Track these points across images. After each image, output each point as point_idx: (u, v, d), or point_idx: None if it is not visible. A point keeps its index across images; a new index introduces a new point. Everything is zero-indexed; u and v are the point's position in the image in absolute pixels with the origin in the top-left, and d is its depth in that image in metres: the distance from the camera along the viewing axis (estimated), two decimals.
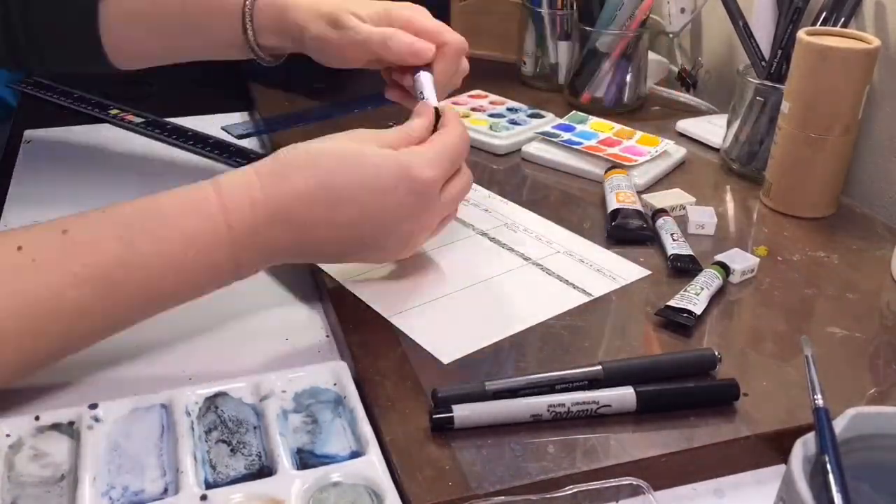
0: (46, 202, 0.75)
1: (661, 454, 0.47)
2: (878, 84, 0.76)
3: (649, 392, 0.50)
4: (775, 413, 0.50)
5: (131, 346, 0.57)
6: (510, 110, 0.91)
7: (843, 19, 0.74)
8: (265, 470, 0.46)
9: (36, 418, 0.47)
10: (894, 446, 0.40)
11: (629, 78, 0.94)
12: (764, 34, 0.79)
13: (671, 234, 0.67)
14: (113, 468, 0.45)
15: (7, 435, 0.46)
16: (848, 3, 0.74)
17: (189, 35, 0.73)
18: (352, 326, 0.56)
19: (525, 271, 0.63)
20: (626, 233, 0.68)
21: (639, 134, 0.84)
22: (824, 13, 0.75)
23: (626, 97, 0.95)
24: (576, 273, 0.63)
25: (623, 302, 0.61)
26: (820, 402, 0.40)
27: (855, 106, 0.69)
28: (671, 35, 1.02)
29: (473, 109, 0.91)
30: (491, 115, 0.89)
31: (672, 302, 0.59)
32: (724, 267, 0.63)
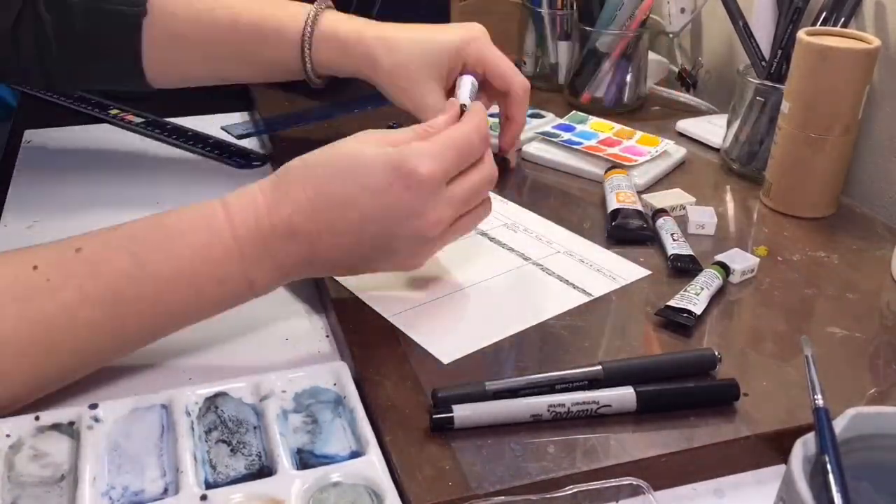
0: (46, 202, 0.75)
1: (661, 454, 0.47)
2: (878, 84, 0.76)
3: (649, 392, 0.50)
4: (775, 413, 0.50)
5: None
6: None
7: (843, 19, 0.74)
8: (265, 470, 0.46)
9: (36, 418, 0.47)
10: (894, 446, 0.40)
11: (629, 78, 0.94)
12: (764, 34, 0.79)
13: (671, 234, 0.67)
14: (113, 468, 0.45)
15: (7, 435, 0.46)
16: (848, 3, 0.74)
17: (238, 62, 0.72)
18: (352, 326, 0.57)
19: (525, 271, 0.63)
20: (626, 233, 0.68)
21: (639, 134, 0.84)
22: (824, 13, 0.75)
23: (626, 97, 0.95)
24: (576, 273, 0.63)
25: (623, 302, 0.61)
26: (820, 402, 0.40)
27: (855, 106, 0.69)
28: (671, 35, 1.02)
29: None
30: (491, 115, 0.89)
31: (672, 302, 0.59)
32: (724, 267, 0.63)
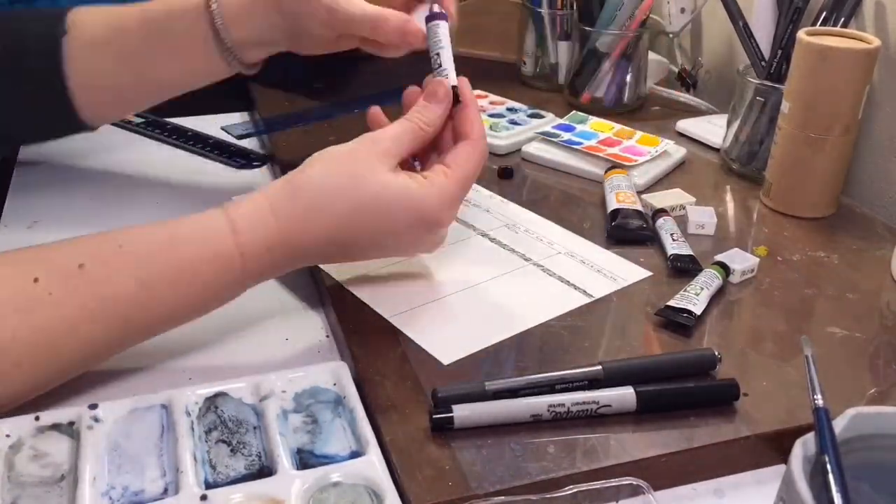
0: (46, 202, 0.75)
1: (661, 454, 0.47)
2: (878, 84, 0.76)
3: (649, 392, 0.50)
4: (775, 413, 0.50)
5: (131, 346, 0.57)
6: (510, 110, 0.91)
7: (843, 19, 0.74)
8: (265, 470, 0.46)
9: (36, 418, 0.47)
10: (894, 446, 0.40)
11: (629, 78, 0.94)
12: (764, 34, 0.79)
13: (671, 234, 0.67)
14: (113, 468, 0.45)
15: (7, 435, 0.46)
16: (848, 3, 0.74)
17: (156, 52, 0.66)
18: (352, 327, 0.57)
19: (525, 272, 0.63)
20: (626, 233, 0.68)
21: (639, 134, 0.84)
22: (824, 13, 0.75)
23: (626, 97, 0.95)
24: (576, 274, 0.63)
25: (623, 302, 0.60)
26: (820, 402, 0.40)
27: (855, 106, 0.69)
28: (671, 35, 1.02)
29: None
30: (491, 115, 0.89)
31: (672, 302, 0.59)
32: (724, 267, 0.63)
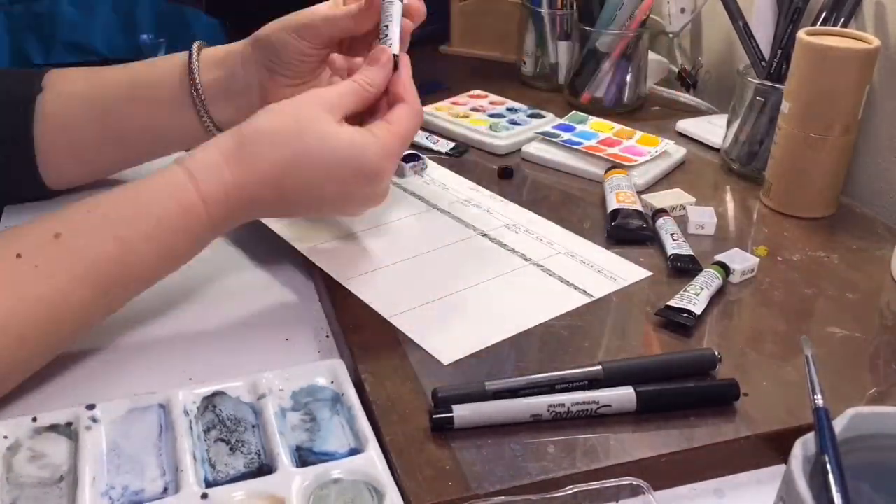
0: (46, 202, 0.74)
1: (661, 454, 0.47)
2: (878, 84, 0.76)
3: (649, 392, 0.50)
4: (775, 413, 0.50)
5: (130, 347, 0.57)
6: (510, 110, 0.91)
7: (843, 19, 0.74)
8: (264, 468, 0.46)
9: (33, 420, 0.47)
10: (894, 446, 0.40)
11: (629, 78, 0.94)
12: (764, 34, 0.79)
13: (671, 234, 0.67)
14: (112, 468, 0.45)
15: (4, 437, 0.46)
16: (848, 3, 0.74)
17: (133, 105, 0.67)
18: (352, 326, 0.56)
19: (526, 272, 0.63)
20: (626, 233, 0.68)
21: (639, 134, 0.84)
22: (824, 13, 0.74)
23: (626, 97, 0.95)
24: (576, 274, 0.63)
25: (623, 302, 0.60)
26: (820, 402, 0.40)
27: (855, 106, 0.69)
28: (671, 35, 1.02)
29: (473, 109, 0.91)
30: (491, 115, 0.89)
31: (672, 302, 0.59)
32: (724, 267, 0.62)
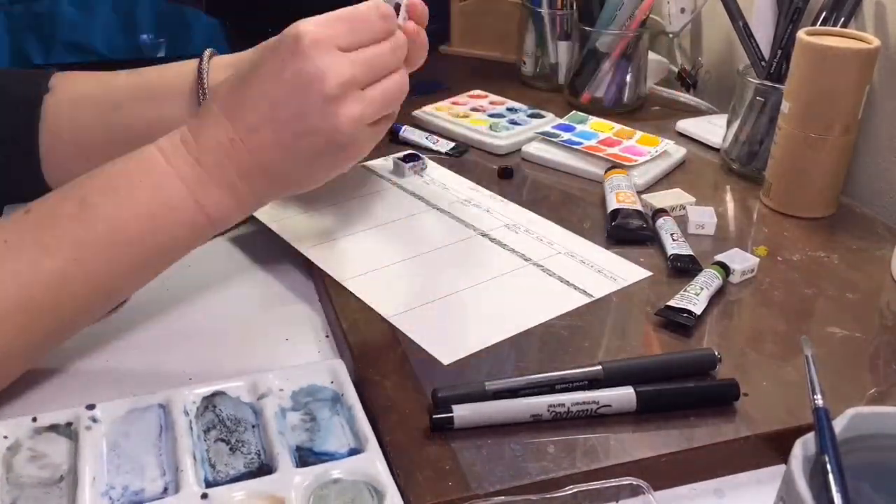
0: None
1: (661, 454, 0.47)
2: (878, 84, 0.76)
3: (649, 392, 0.50)
4: (775, 413, 0.50)
5: (130, 346, 0.57)
6: (510, 110, 0.91)
7: (843, 19, 0.74)
8: (265, 468, 0.46)
9: (33, 420, 0.47)
10: (894, 446, 0.40)
11: (629, 78, 0.94)
12: (764, 34, 0.79)
13: (671, 234, 0.67)
14: (112, 468, 0.45)
15: (4, 437, 0.46)
16: (848, 3, 0.74)
17: (140, 105, 0.63)
18: (352, 326, 0.56)
19: (526, 272, 0.63)
20: (626, 233, 0.68)
21: (639, 134, 0.84)
22: (824, 13, 0.74)
23: (626, 97, 0.95)
24: (576, 274, 0.63)
25: (623, 302, 0.60)
26: (820, 402, 0.40)
27: (855, 106, 0.69)
28: (671, 35, 1.02)
29: (473, 109, 0.91)
30: (491, 115, 0.89)
31: (672, 302, 0.59)
32: (724, 267, 0.62)
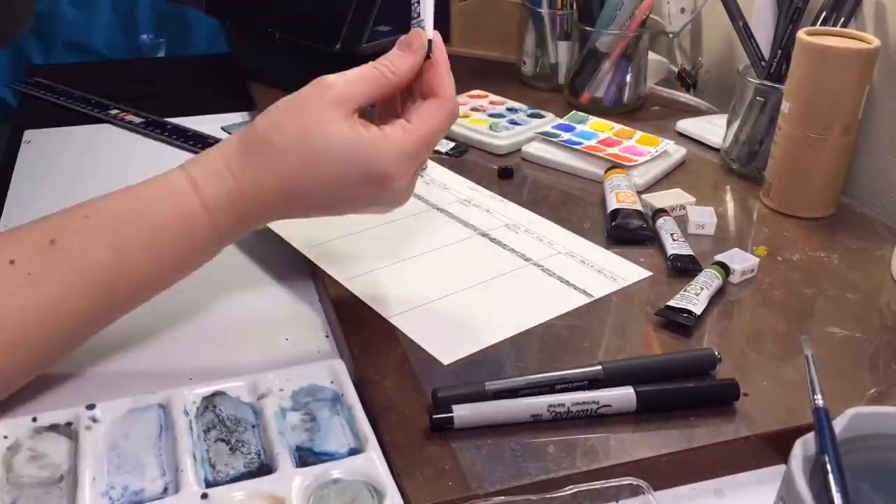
0: (46, 202, 0.74)
1: (661, 454, 0.47)
2: (878, 84, 0.76)
3: (649, 392, 0.49)
4: (775, 413, 0.50)
5: (130, 346, 0.57)
6: (510, 110, 0.91)
7: (843, 19, 0.74)
8: (265, 468, 0.46)
9: (33, 420, 0.47)
10: (894, 446, 0.40)
11: (629, 78, 0.94)
12: (764, 34, 0.79)
13: (671, 234, 0.67)
14: (112, 468, 0.45)
15: (4, 437, 0.46)
16: (848, 3, 0.74)
17: None
18: (352, 326, 0.56)
19: (526, 272, 0.63)
20: (626, 233, 0.68)
21: (639, 134, 0.84)
22: (824, 13, 0.74)
23: (626, 97, 0.95)
24: (576, 274, 0.63)
25: (623, 302, 0.60)
26: (820, 402, 0.40)
27: (855, 106, 0.69)
28: (671, 35, 1.02)
29: (473, 109, 0.91)
30: (491, 115, 0.89)
31: (672, 302, 0.59)
32: (724, 267, 0.62)
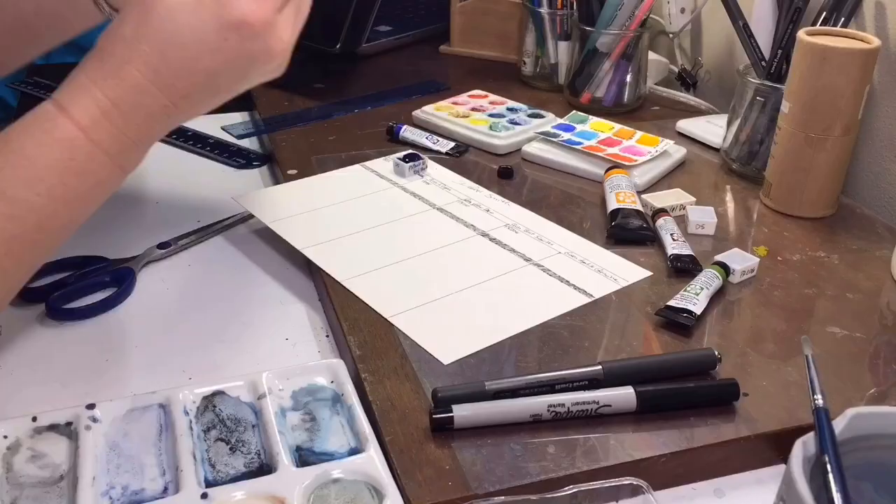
0: None
1: (661, 454, 0.47)
2: (878, 84, 0.76)
3: (649, 392, 0.50)
4: (775, 413, 0.50)
5: (130, 347, 0.57)
6: (510, 110, 0.91)
7: (843, 19, 0.74)
8: (265, 468, 0.46)
9: (33, 419, 0.47)
10: (894, 446, 0.40)
11: (629, 78, 0.94)
12: (764, 34, 0.79)
13: (671, 234, 0.67)
14: (112, 468, 0.45)
15: (4, 436, 0.46)
16: (848, 3, 0.74)
17: None
18: (352, 326, 0.56)
19: (526, 272, 0.63)
20: (626, 233, 0.68)
21: (639, 134, 0.84)
22: (824, 13, 0.75)
23: (626, 97, 0.95)
24: (576, 274, 0.63)
25: (623, 302, 0.60)
26: (820, 402, 0.40)
27: (855, 106, 0.69)
28: (671, 35, 1.02)
29: (473, 109, 0.91)
30: (491, 115, 0.89)
31: (672, 302, 0.59)
32: (724, 267, 0.62)
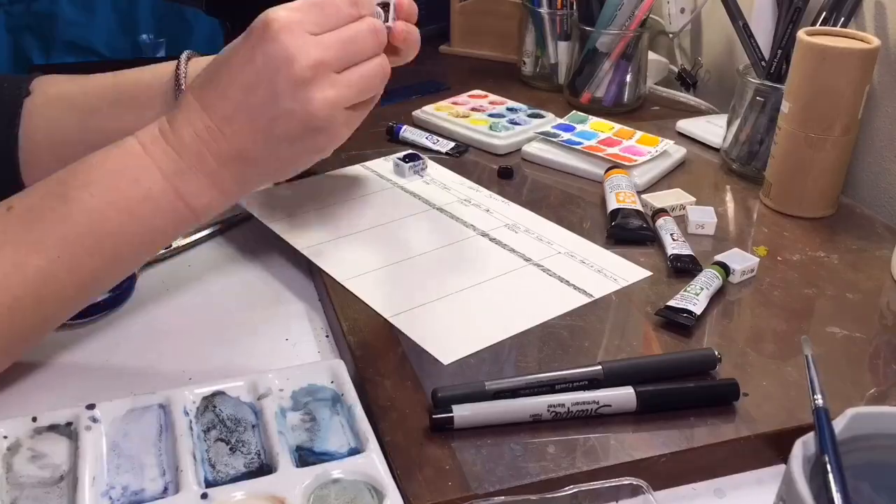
0: None
1: (661, 454, 0.47)
2: (878, 84, 0.76)
3: (649, 392, 0.50)
4: (775, 413, 0.50)
5: (130, 346, 0.57)
6: (510, 110, 0.91)
7: (843, 19, 0.74)
8: (265, 468, 0.46)
9: (33, 419, 0.47)
10: (894, 446, 0.40)
11: (629, 78, 0.94)
12: (764, 34, 0.79)
13: (671, 234, 0.67)
14: (112, 468, 0.45)
15: (4, 437, 0.46)
16: (848, 3, 0.74)
17: (119, 108, 0.63)
18: (352, 326, 0.56)
19: (526, 272, 0.63)
20: (626, 233, 0.68)
21: (639, 134, 0.84)
22: (824, 13, 0.75)
23: (626, 97, 0.95)
24: (576, 274, 0.63)
25: (623, 302, 0.60)
26: (820, 402, 0.40)
27: (855, 106, 0.69)
28: (671, 35, 1.02)
29: (473, 109, 0.91)
30: (491, 115, 0.89)
31: (672, 302, 0.59)
32: (724, 267, 0.62)
